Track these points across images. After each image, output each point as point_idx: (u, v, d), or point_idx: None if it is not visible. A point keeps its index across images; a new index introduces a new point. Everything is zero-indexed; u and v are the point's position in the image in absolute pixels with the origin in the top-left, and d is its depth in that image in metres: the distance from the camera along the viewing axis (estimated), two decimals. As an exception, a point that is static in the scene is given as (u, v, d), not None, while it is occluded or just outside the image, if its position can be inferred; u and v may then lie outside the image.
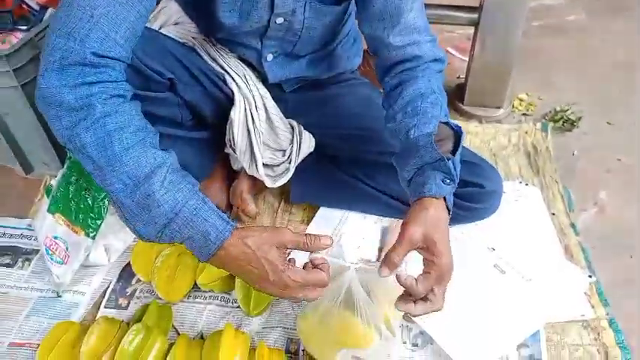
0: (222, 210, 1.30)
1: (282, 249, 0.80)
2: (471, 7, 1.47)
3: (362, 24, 1.02)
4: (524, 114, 1.62)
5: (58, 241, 1.12)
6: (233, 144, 1.16)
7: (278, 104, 1.18)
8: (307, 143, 1.21)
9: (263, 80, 1.17)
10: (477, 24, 1.46)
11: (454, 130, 0.93)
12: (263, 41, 1.08)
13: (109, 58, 0.75)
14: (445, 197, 0.89)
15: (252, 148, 1.15)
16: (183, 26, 1.10)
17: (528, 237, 1.19)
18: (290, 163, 1.20)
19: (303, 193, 1.30)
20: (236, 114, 1.11)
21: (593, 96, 1.66)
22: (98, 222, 1.10)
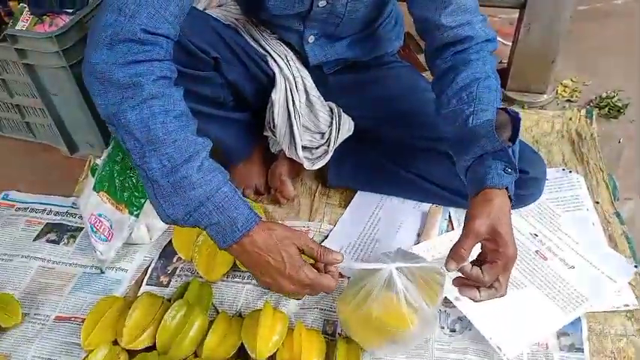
0: (261, 192, 1.32)
1: (300, 250, 0.83)
2: (517, -10, 1.43)
3: (412, 4, 1.01)
4: (568, 100, 1.57)
5: (103, 219, 1.15)
6: (273, 126, 1.17)
7: (318, 87, 1.18)
8: (346, 126, 1.20)
9: (304, 63, 1.17)
10: (522, 6, 1.41)
11: (511, 116, 0.91)
12: (305, 23, 1.07)
13: (158, 34, 0.76)
14: (507, 187, 0.87)
15: (291, 130, 1.15)
16: (227, 8, 1.11)
17: (571, 225, 1.16)
18: (329, 145, 1.20)
19: (340, 177, 1.30)
20: (277, 95, 1.11)
21: (640, 82, 1.61)
22: (142, 200, 1.13)
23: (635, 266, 1.08)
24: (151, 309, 1.02)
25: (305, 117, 1.16)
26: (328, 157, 1.21)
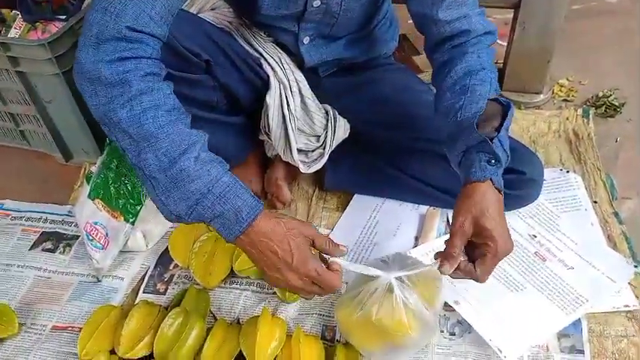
0: (258, 197, 1.31)
1: (308, 240, 0.82)
2: (512, -10, 1.43)
3: (409, 2, 1.00)
4: (564, 100, 1.57)
5: (98, 227, 1.14)
6: (268, 129, 1.16)
7: (313, 90, 1.17)
8: (342, 129, 1.19)
9: (299, 65, 1.16)
10: (517, 6, 1.41)
11: (503, 105, 0.90)
12: (300, 24, 1.07)
13: (144, 33, 0.76)
14: (492, 178, 0.86)
15: (287, 133, 1.14)
16: (220, 11, 1.10)
17: (570, 225, 1.15)
18: (324, 149, 1.19)
19: (337, 180, 1.29)
20: (271, 98, 1.11)
21: (637, 81, 1.60)
22: (137, 207, 1.12)
23: (634, 266, 1.08)
24: (148, 317, 1.01)
25: (300, 120, 1.16)
26: (324, 160, 1.20)
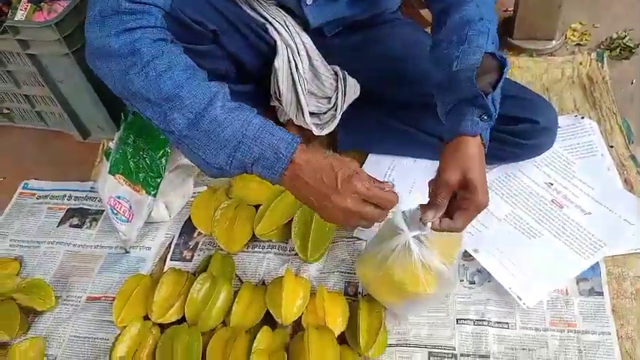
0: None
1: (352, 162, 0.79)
2: None
3: None
4: (578, 44, 1.54)
5: (122, 201, 1.18)
6: (279, 94, 1.16)
7: (320, 51, 1.16)
8: (352, 89, 1.19)
9: (304, 27, 1.15)
10: (524, -50, 1.38)
11: (498, 61, 0.89)
12: None
13: (145, 3, 0.77)
14: (481, 134, 0.86)
15: (297, 96, 1.14)
16: (222, -22, 1.08)
17: (586, 171, 1.15)
18: (336, 110, 1.20)
19: (350, 140, 1.29)
20: (280, 62, 1.10)
21: (651, 20, 1.56)
22: (158, 180, 1.14)
23: (651, 207, 1.08)
24: (177, 284, 1.05)
25: (310, 82, 1.16)
26: (336, 121, 1.20)
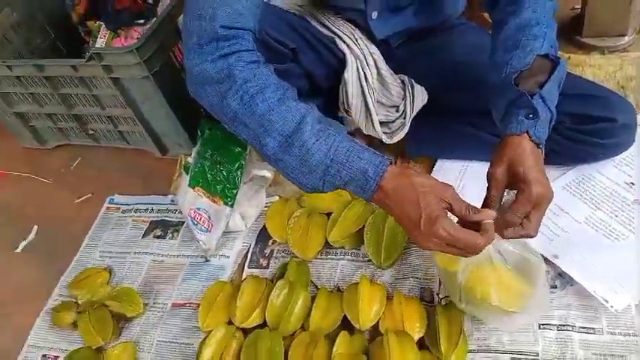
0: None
1: (443, 202, 0.77)
2: None
3: None
4: (652, 38, 1.48)
5: (201, 212, 1.24)
6: (347, 105, 1.19)
7: (387, 61, 1.19)
8: (420, 96, 1.20)
9: (370, 38, 1.18)
10: (593, -55, 1.34)
11: (553, 61, 0.88)
12: (367, 1, 1.08)
13: (238, 28, 0.81)
14: (528, 131, 0.85)
15: (367, 106, 1.17)
16: (289, -4, 1.13)
17: (670, 169, 1.11)
18: (405, 118, 1.21)
19: (419, 146, 1.30)
20: (349, 74, 1.13)
21: None
22: (234, 191, 1.20)
23: None
24: (257, 290, 1.09)
25: (378, 92, 1.18)
26: (406, 128, 1.22)
